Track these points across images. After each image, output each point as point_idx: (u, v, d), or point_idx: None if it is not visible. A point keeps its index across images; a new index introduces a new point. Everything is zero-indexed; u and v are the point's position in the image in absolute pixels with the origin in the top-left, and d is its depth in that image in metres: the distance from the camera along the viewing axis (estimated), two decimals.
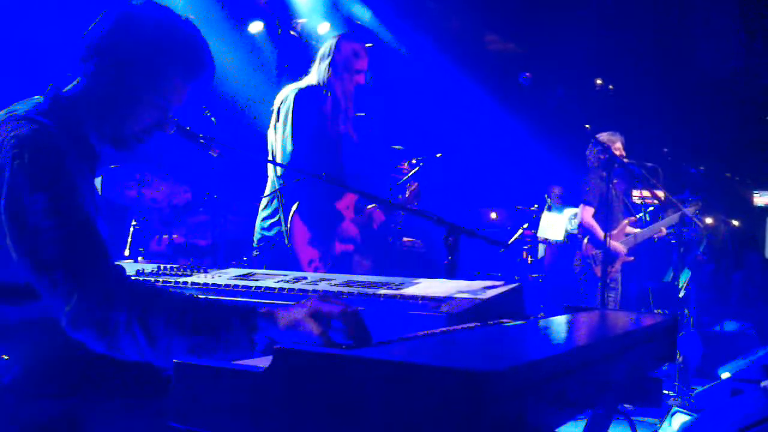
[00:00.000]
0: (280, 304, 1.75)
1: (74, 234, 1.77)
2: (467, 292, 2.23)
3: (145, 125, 2.12)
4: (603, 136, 6.59)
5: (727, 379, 5.52)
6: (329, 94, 4.77)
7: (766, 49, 9.17)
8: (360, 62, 4.90)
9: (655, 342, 2.15)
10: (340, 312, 1.61)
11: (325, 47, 4.94)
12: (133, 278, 1.81)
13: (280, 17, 7.71)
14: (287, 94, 4.78)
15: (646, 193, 6.97)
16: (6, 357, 1.81)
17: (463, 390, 1.12)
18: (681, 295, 7.34)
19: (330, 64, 4.83)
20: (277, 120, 4.72)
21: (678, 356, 6.71)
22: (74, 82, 2.10)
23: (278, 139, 4.62)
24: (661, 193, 6.85)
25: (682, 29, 9.41)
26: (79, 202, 1.82)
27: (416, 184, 5.51)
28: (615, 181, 6.54)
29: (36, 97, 2.05)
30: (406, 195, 5.45)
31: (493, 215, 10.99)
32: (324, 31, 7.94)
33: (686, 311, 7.44)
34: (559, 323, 2.03)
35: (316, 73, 4.88)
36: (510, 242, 7.77)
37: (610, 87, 11.27)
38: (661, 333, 2.21)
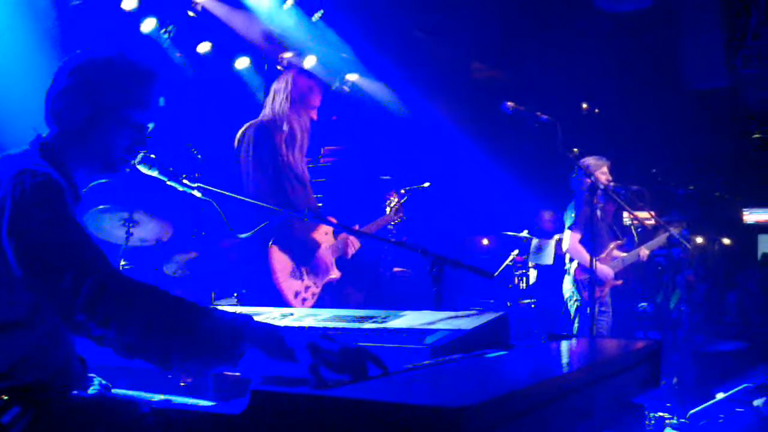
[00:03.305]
0: None
1: (75, 235, 1.90)
2: (452, 323, 2.24)
3: (126, 145, 2.28)
4: (589, 161, 6.63)
5: (722, 399, 5.54)
6: (285, 128, 4.77)
7: (749, 66, 9.24)
8: (314, 98, 4.91)
9: (638, 368, 2.16)
10: (337, 351, 1.65)
11: (281, 81, 4.95)
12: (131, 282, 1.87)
13: (266, 52, 7.76)
14: (244, 130, 4.79)
15: (638, 215, 6.99)
16: (5, 397, 1.86)
17: (439, 426, 1.13)
18: (673, 316, 7.34)
19: (286, 98, 4.84)
20: (239, 156, 4.73)
21: (674, 379, 6.71)
22: (48, 130, 2.25)
23: (244, 175, 4.65)
24: (647, 215, 6.87)
25: (666, 50, 9.49)
26: (75, 217, 1.97)
27: (396, 199, 5.50)
28: (601, 205, 6.56)
29: (23, 146, 2.21)
30: (387, 212, 5.45)
31: (485, 242, 11.00)
32: (311, 65, 7.99)
33: (679, 332, 7.44)
34: (540, 352, 2.04)
35: (270, 108, 4.88)
36: (497, 272, 7.78)
37: (596, 111, 11.32)
38: (644, 358, 2.22)
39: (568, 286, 6.76)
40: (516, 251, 8.19)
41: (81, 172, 2.24)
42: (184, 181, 2.89)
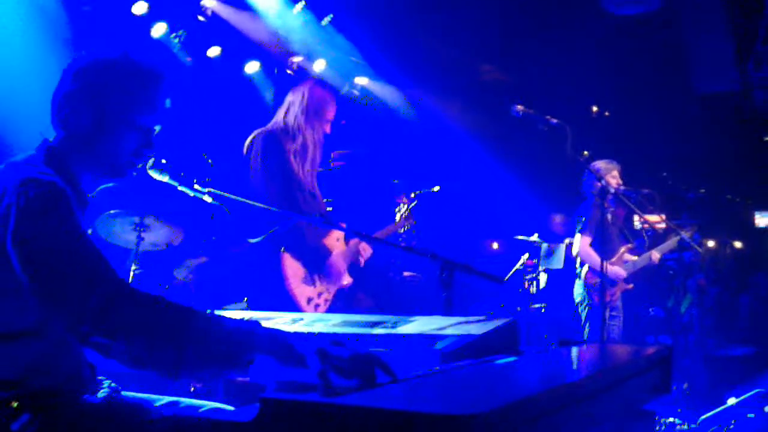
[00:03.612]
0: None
1: (80, 245, 1.88)
2: (462, 328, 2.24)
3: (133, 148, 2.26)
4: (600, 164, 6.62)
5: (733, 404, 5.52)
6: (299, 140, 4.75)
7: (760, 70, 9.21)
8: (329, 110, 4.89)
9: (648, 374, 2.15)
10: (347, 357, 1.66)
11: (297, 93, 4.92)
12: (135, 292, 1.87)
13: (276, 56, 7.78)
14: (253, 138, 4.76)
15: (649, 218, 6.98)
16: (15, 404, 1.87)
17: None
18: (684, 320, 7.32)
19: (302, 111, 4.81)
20: (248, 164, 4.70)
21: (685, 384, 6.68)
22: (53, 137, 2.23)
23: (253, 183, 4.63)
24: (658, 219, 6.86)
25: (676, 53, 9.47)
26: (80, 226, 1.95)
27: (406, 205, 5.49)
28: (612, 209, 6.55)
29: (29, 151, 2.19)
30: (397, 219, 5.43)
31: (495, 246, 10.98)
32: (320, 69, 8.01)
33: (690, 337, 7.41)
34: (549, 359, 2.04)
35: (284, 118, 4.85)
36: (507, 277, 7.76)
37: (606, 114, 11.30)
38: (654, 364, 2.21)
39: (578, 291, 6.76)
40: (526, 255, 8.16)
41: (87, 176, 2.23)
42: (195, 186, 2.90)
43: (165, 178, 2.79)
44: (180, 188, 2.85)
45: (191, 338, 1.77)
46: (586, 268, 6.64)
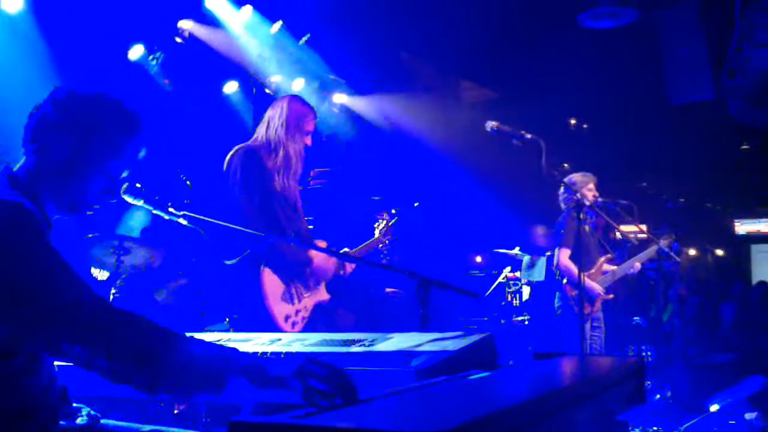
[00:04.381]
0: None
1: (54, 264, 1.89)
2: (438, 345, 2.25)
3: (98, 192, 2.25)
4: (575, 177, 6.66)
5: (715, 412, 5.55)
6: (281, 154, 4.76)
7: (733, 79, 9.30)
8: (309, 123, 4.91)
9: (622, 385, 2.17)
10: (324, 375, 1.70)
11: (276, 108, 4.94)
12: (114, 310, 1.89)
13: (254, 76, 7.79)
14: (233, 154, 4.76)
15: (627, 229, 7.02)
16: None
17: None
18: (666, 329, 7.36)
19: (282, 124, 4.83)
20: (227, 180, 4.69)
21: (668, 392, 6.72)
22: (22, 161, 2.19)
23: (232, 200, 4.61)
24: (636, 229, 6.90)
25: (652, 63, 9.57)
26: (51, 245, 1.95)
27: (385, 221, 5.50)
28: (590, 220, 6.59)
29: None
30: (375, 235, 5.45)
31: (478, 259, 11.01)
32: (299, 88, 8.03)
33: (672, 345, 7.45)
34: (522, 373, 2.05)
35: (265, 133, 4.87)
36: (490, 290, 7.78)
37: (584, 126, 11.38)
38: (628, 376, 2.23)
39: (558, 303, 6.78)
40: (508, 268, 8.20)
41: (50, 205, 2.19)
42: (170, 209, 2.90)
43: (140, 203, 2.78)
44: (155, 212, 2.85)
45: (169, 359, 1.80)
46: (565, 280, 6.67)
